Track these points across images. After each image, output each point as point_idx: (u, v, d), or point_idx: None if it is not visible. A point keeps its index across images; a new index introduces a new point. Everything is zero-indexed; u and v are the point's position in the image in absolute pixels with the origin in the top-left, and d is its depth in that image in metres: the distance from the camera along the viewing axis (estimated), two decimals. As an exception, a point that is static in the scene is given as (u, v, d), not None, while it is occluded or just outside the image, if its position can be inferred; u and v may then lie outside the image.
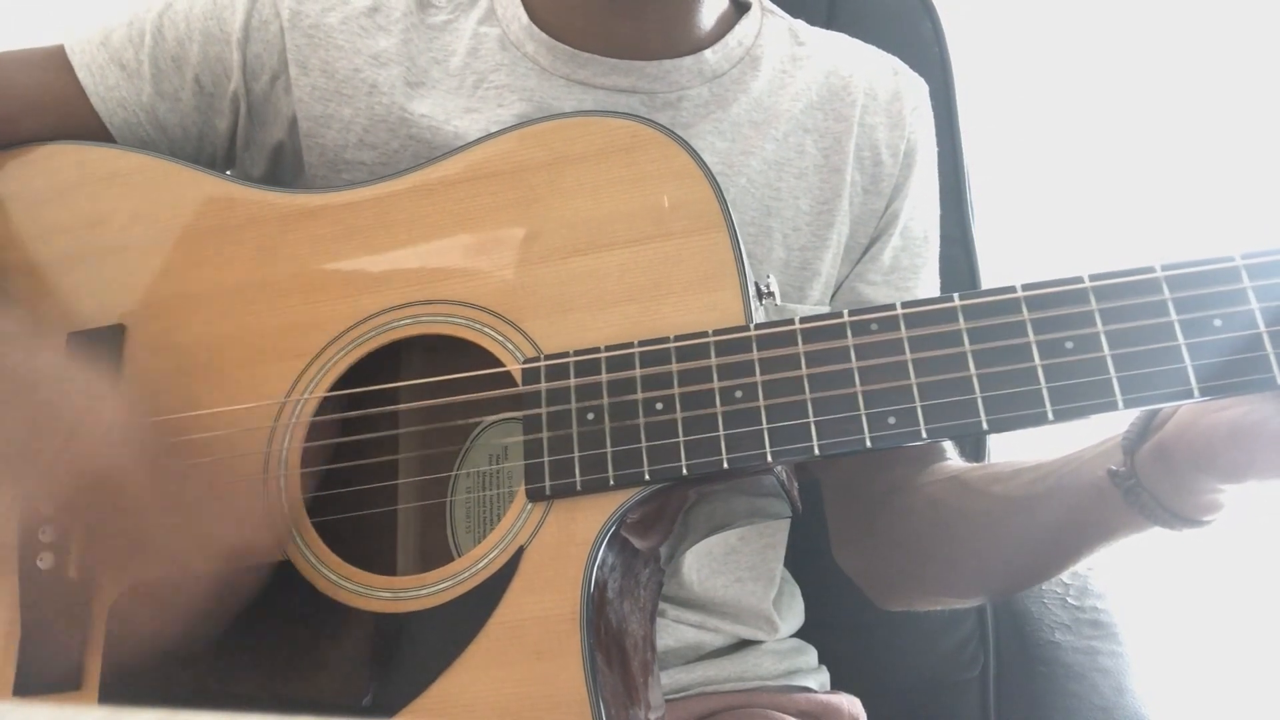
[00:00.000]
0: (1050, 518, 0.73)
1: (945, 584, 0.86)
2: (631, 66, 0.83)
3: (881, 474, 0.86)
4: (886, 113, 0.88)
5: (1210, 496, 0.63)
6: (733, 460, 0.61)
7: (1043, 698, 1.01)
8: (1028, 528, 0.75)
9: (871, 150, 0.87)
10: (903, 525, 0.84)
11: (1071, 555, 0.75)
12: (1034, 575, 0.85)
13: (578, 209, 0.69)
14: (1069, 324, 0.59)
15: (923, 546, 0.84)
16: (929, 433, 0.59)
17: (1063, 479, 0.72)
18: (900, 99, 0.89)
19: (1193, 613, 1.16)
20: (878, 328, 0.61)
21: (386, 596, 0.64)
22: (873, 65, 0.91)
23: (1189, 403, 0.58)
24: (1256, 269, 0.57)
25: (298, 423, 0.69)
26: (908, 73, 0.92)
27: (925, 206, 0.91)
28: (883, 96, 0.89)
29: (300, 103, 0.83)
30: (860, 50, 0.92)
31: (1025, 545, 0.76)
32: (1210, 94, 1.55)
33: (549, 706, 0.60)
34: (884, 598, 0.92)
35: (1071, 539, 0.73)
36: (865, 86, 0.88)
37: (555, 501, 0.63)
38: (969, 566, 0.82)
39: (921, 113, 0.91)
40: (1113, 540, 0.70)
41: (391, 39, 0.83)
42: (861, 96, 0.88)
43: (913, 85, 0.91)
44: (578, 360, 0.65)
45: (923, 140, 0.90)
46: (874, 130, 0.88)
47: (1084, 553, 0.73)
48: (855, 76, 0.88)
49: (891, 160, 0.88)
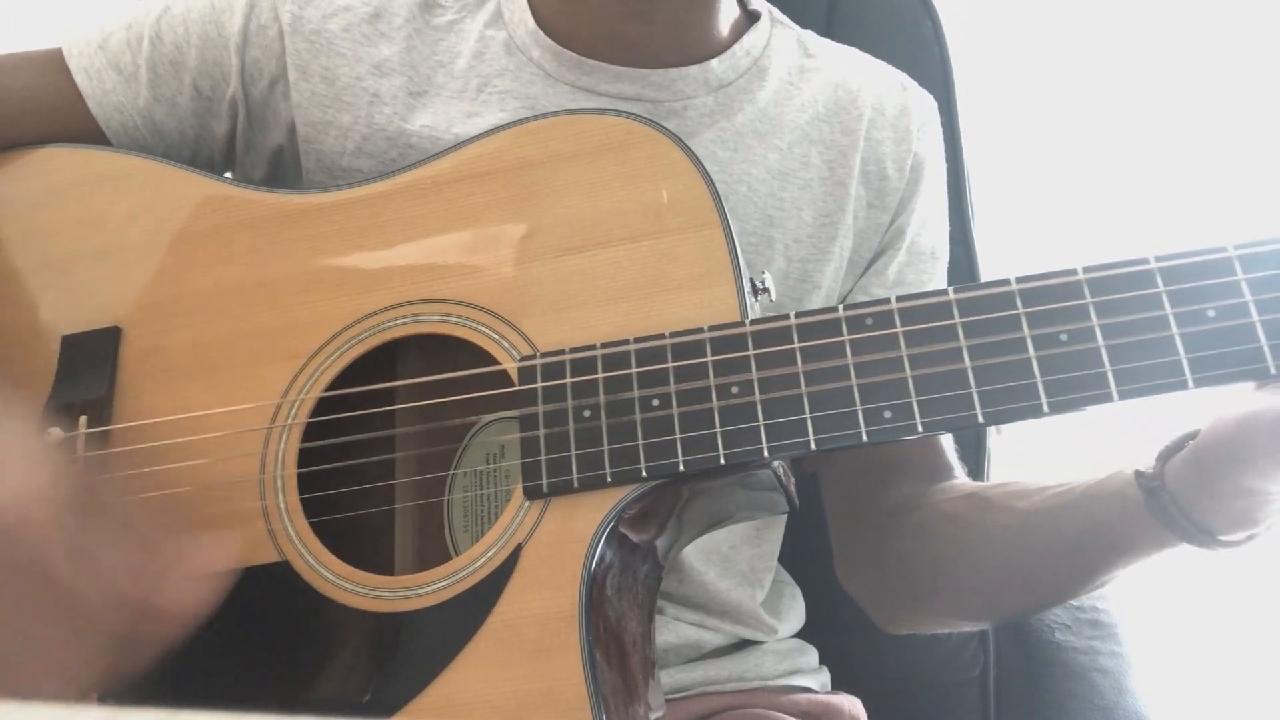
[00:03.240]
0: (1073, 530, 0.71)
1: (957, 604, 0.84)
2: (637, 74, 0.83)
3: (890, 491, 0.85)
4: (893, 128, 0.88)
5: (1241, 504, 0.61)
6: (730, 456, 0.61)
7: (1043, 698, 1.01)
8: (1049, 543, 0.73)
9: (877, 165, 0.87)
10: (916, 543, 0.83)
11: (1091, 572, 0.72)
12: (1051, 596, 0.83)
13: (572, 206, 0.69)
14: (1063, 317, 0.58)
15: (938, 564, 0.82)
16: (925, 426, 0.59)
17: (1088, 489, 0.70)
18: (908, 114, 0.89)
19: (1193, 613, 1.16)
20: (873, 323, 0.61)
21: (385, 596, 0.64)
22: (881, 80, 0.90)
23: (1184, 394, 0.58)
24: (1249, 260, 0.57)
25: (294, 424, 0.69)
26: (916, 89, 0.91)
27: (933, 223, 0.91)
28: (890, 112, 0.88)
29: (299, 108, 0.83)
30: (869, 65, 0.92)
31: (1045, 562, 0.74)
32: (1210, 93, 1.55)
33: (549, 704, 0.60)
34: (891, 620, 0.90)
35: (1092, 553, 0.71)
36: (873, 101, 0.88)
37: (553, 499, 0.63)
38: (985, 585, 0.80)
39: (929, 129, 0.90)
40: (1135, 556, 0.68)
41: (394, 46, 0.83)
42: (869, 111, 0.87)
43: (921, 102, 0.91)
44: (574, 358, 0.65)
45: (930, 157, 0.90)
46: (880, 145, 0.87)
47: (1104, 570, 0.71)
48: (863, 91, 0.88)
49: (897, 175, 0.87)
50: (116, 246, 0.76)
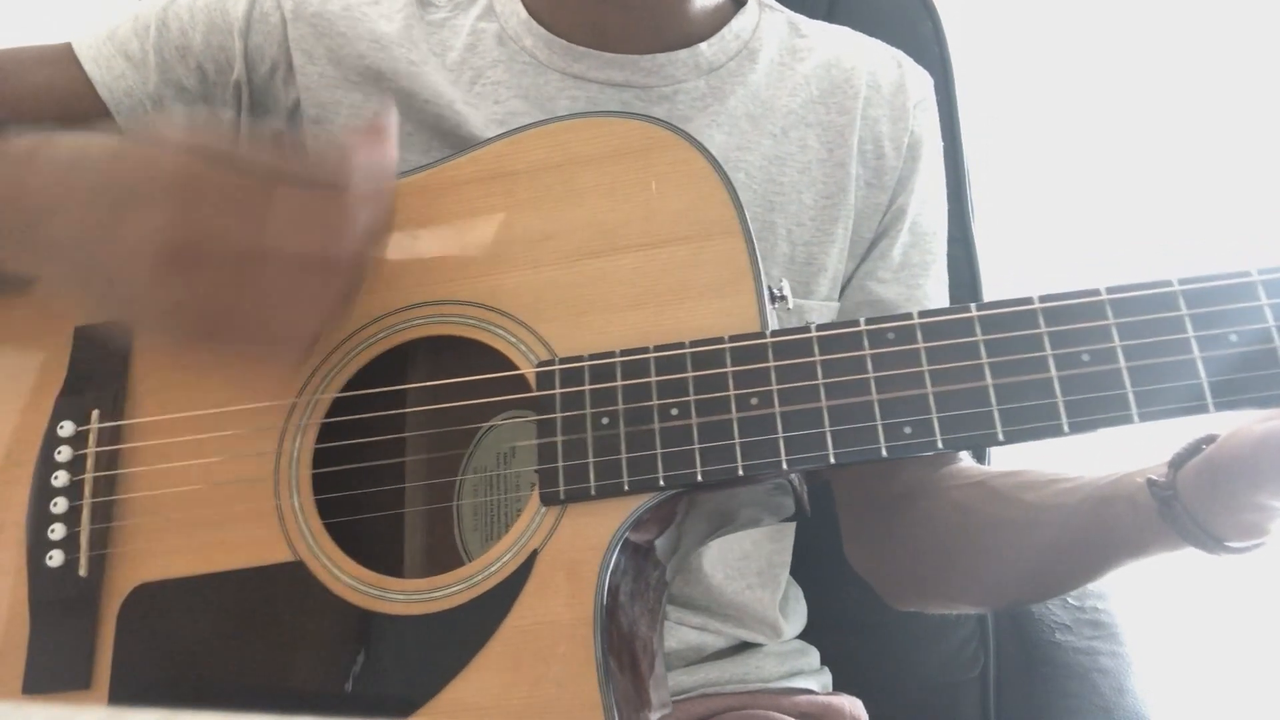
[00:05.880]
0: (1080, 527, 0.72)
1: (964, 591, 0.86)
2: (626, 60, 0.83)
3: (897, 475, 0.86)
4: (890, 105, 0.88)
5: (1252, 517, 0.62)
6: (748, 468, 0.61)
7: (1043, 698, 1.01)
8: (1057, 538, 0.74)
9: (874, 143, 0.87)
10: (925, 530, 0.84)
11: (1097, 568, 0.74)
12: (1056, 587, 0.84)
13: (592, 210, 0.69)
14: (1085, 337, 0.59)
15: (946, 553, 0.83)
16: (945, 443, 0.59)
17: (1099, 488, 0.71)
18: (904, 91, 0.89)
19: (1193, 613, 1.17)
20: (894, 337, 0.61)
21: (400, 599, 0.64)
22: (876, 57, 0.90)
23: (1205, 417, 0.58)
24: (1273, 285, 0.57)
25: (309, 423, 0.69)
26: (912, 66, 0.91)
27: (933, 202, 0.91)
28: (886, 89, 0.88)
29: (307, 90, 0.83)
30: (863, 42, 0.92)
31: (1052, 556, 0.75)
32: (1210, 93, 1.55)
33: (562, 710, 0.60)
34: (897, 598, 0.91)
35: (1099, 551, 0.72)
36: (868, 79, 0.88)
37: (569, 505, 0.63)
38: (992, 575, 0.81)
39: (925, 106, 0.90)
40: (1142, 556, 0.69)
41: (393, 26, 0.84)
42: (864, 89, 0.87)
43: (917, 78, 0.91)
44: (593, 365, 0.65)
45: (928, 134, 0.90)
46: (877, 123, 0.87)
47: (1110, 567, 0.72)
48: (858, 69, 0.88)
49: (894, 153, 0.87)
50: None
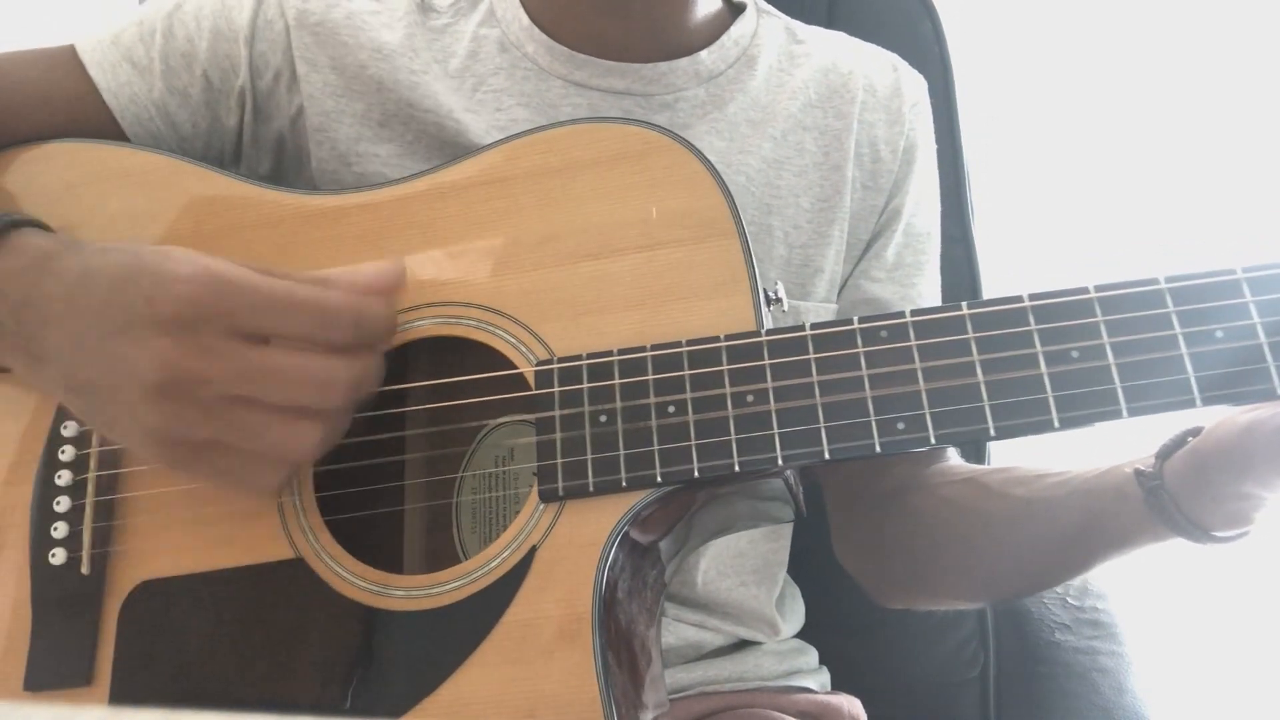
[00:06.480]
0: (1069, 520, 0.73)
1: (953, 587, 0.87)
2: (627, 68, 0.84)
3: (888, 472, 0.87)
4: (885, 109, 0.89)
5: (1237, 506, 0.63)
6: (744, 463, 0.62)
7: (1043, 698, 1.02)
8: (1046, 532, 0.75)
9: (871, 147, 0.88)
10: (915, 526, 0.84)
11: (1086, 561, 0.74)
12: (1045, 580, 0.85)
13: (591, 214, 0.70)
14: (1075, 334, 0.59)
15: (936, 548, 0.84)
16: (937, 438, 0.60)
17: (1087, 481, 0.72)
18: (900, 95, 0.90)
19: (1193, 613, 1.17)
20: (887, 335, 0.62)
21: (400, 595, 0.65)
22: (872, 62, 0.91)
23: (1192, 411, 0.59)
24: (1257, 283, 0.58)
25: None
26: (907, 69, 0.92)
27: (927, 203, 0.92)
28: (882, 93, 0.90)
29: (311, 99, 0.84)
30: (859, 47, 0.93)
31: (1041, 550, 0.76)
32: (1210, 93, 1.56)
33: (560, 705, 0.60)
34: (886, 596, 0.92)
35: (1088, 544, 0.73)
36: (864, 83, 0.89)
37: (568, 502, 0.64)
38: (982, 570, 0.82)
39: (921, 109, 0.92)
40: (1129, 548, 0.70)
41: (395, 34, 0.85)
42: (861, 93, 0.89)
43: (912, 82, 0.92)
44: (590, 363, 0.66)
45: (922, 137, 0.91)
46: (873, 127, 0.89)
47: (1099, 559, 0.73)
48: (854, 73, 0.89)
49: (891, 156, 0.89)
50: (135, 243, 0.76)
